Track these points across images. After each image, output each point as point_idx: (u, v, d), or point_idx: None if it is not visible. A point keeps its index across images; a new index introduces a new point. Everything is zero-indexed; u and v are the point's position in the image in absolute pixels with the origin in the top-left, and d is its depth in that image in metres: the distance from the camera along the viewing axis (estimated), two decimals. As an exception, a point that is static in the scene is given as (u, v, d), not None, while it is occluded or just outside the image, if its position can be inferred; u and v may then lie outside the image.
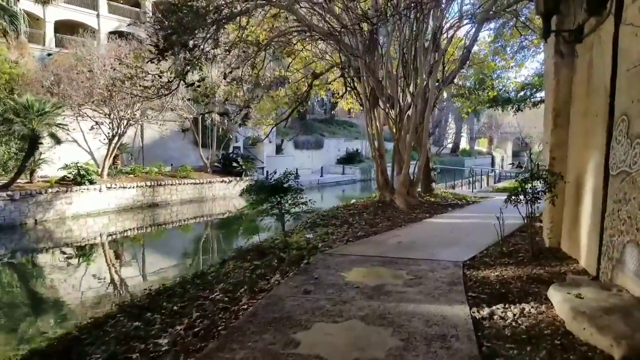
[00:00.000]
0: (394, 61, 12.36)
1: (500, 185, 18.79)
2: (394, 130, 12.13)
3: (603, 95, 5.07)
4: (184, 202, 23.88)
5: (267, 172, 29.07)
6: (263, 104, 18.81)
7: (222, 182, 26.79)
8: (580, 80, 6.06)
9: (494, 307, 4.40)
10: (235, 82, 13.50)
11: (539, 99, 20.29)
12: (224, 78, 12.13)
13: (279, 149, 34.95)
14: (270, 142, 32.37)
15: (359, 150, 40.53)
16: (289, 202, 7.15)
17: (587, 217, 5.41)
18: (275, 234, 10.03)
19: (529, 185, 6.11)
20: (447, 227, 9.19)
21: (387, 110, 12.16)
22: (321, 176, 33.01)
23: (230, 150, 30.03)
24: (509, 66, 17.73)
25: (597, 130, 5.19)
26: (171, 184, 23.53)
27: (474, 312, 4.30)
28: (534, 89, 19.81)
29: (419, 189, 14.40)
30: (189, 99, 25.31)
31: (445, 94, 53.22)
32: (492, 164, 59.62)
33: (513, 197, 6.19)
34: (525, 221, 6.54)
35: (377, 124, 12.30)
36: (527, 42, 17.47)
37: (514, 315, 4.20)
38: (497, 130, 60.65)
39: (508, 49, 18.61)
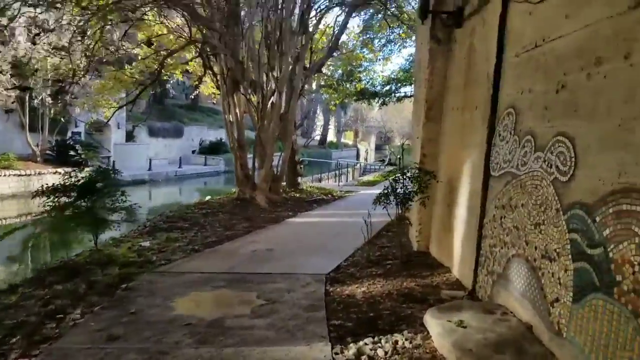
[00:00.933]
0: (257, 42, 11.18)
1: (365, 178, 18.96)
2: (256, 119, 11.00)
3: (485, 86, 4.54)
4: (4, 198, 19.90)
5: (114, 162, 25.88)
6: (105, 83, 16.23)
7: (55, 173, 22.91)
8: (458, 69, 5.56)
9: (361, 343, 3.52)
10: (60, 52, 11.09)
11: (403, 94, 20.93)
12: (33, 43, 9.74)
13: (130, 136, 31.45)
14: (119, 128, 28.93)
15: (224, 140, 38.59)
16: (106, 205, 5.58)
17: (462, 222, 4.90)
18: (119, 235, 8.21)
19: (400, 185, 5.48)
20: (311, 229, 8.36)
21: (248, 96, 10.96)
22: (180, 167, 30.54)
23: (69, 136, 26.06)
24: (376, 59, 17.81)
25: (477, 125, 4.67)
26: (-16, 175, 19.46)
27: (336, 354, 3.36)
28: (399, 84, 20.34)
29: (284, 184, 13.54)
30: (11, 74, 21.15)
31: (314, 85, 53.97)
32: (357, 156, 62.27)
33: (382, 199, 5.50)
34: (393, 219, 5.98)
35: (237, 111, 11.04)
36: (394, 36, 17.71)
37: (386, 353, 3.37)
38: (362, 124, 63.46)
39: (376, 41, 18.74)
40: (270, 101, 11.00)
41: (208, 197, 12.26)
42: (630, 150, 2.46)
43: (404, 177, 5.41)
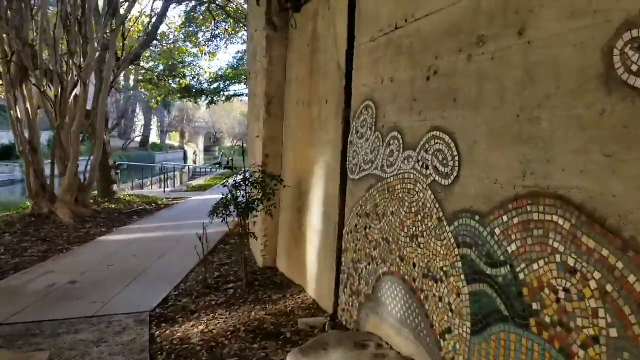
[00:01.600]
0: (54, 24, 9.02)
1: (195, 183, 17.46)
2: (55, 116, 8.87)
3: (336, 76, 3.91)
4: None
5: None
6: None
7: None
8: (300, 58, 4.87)
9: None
10: None
11: (232, 92, 20.00)
12: None
13: None
14: None
15: (19, 143, 32.36)
16: None
17: (316, 232, 4.22)
18: None
19: (241, 191, 4.57)
20: (130, 248, 6.89)
21: (43, 88, 8.77)
22: None
23: None
24: (201, 54, 16.51)
25: (328, 121, 4.03)
26: None
27: None
28: (227, 82, 19.34)
29: (95, 194, 11.44)
30: None
31: (131, 80, 49.46)
32: (185, 158, 59.07)
33: (221, 209, 4.52)
34: (231, 228, 5.07)
35: (28, 106, 8.74)
36: (220, 30, 16.66)
37: None
38: (188, 124, 60.57)
39: (200, 35, 17.42)
40: (73, 95, 8.99)
41: (-8, 215, 9.57)
42: (535, 144, 1.98)
43: (247, 182, 4.52)
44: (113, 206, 10.53)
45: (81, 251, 6.79)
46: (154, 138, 54.85)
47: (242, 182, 4.53)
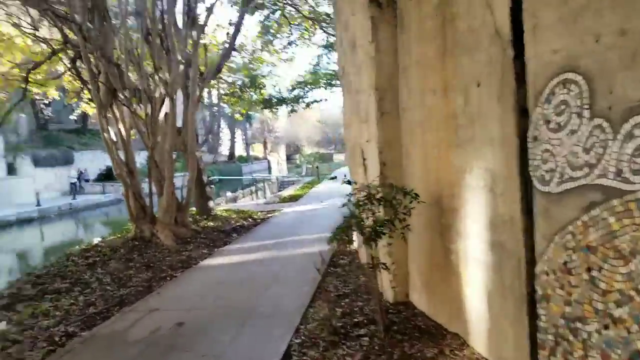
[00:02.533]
0: (135, 38, 8.69)
1: (286, 193, 16.91)
2: (147, 135, 8.51)
3: (492, 47, 2.76)
4: None
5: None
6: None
7: None
8: (420, 35, 3.75)
9: None
10: None
11: (312, 99, 19.29)
12: None
13: (11, 169, 26.48)
14: (-6, 160, 24.13)
15: (122, 164, 34.31)
16: None
17: (479, 267, 3.07)
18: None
19: (366, 210, 3.55)
20: (234, 276, 6.15)
21: (133, 107, 8.45)
22: (74, 198, 26.21)
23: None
24: (279, 61, 15.90)
25: (484, 111, 2.88)
26: None
27: None
28: (307, 88, 18.64)
29: (193, 210, 11.11)
30: None
31: (215, 97, 51.21)
32: (269, 168, 60.07)
33: (341, 234, 3.53)
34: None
35: (121, 127, 8.46)
36: (297, 35, 15.97)
37: None
38: (270, 135, 61.56)
39: (276, 42, 16.84)
40: (163, 112, 8.59)
41: (97, 240, 9.47)
42: None
43: (372, 200, 3.48)
44: (211, 224, 10.06)
45: (185, 280, 6.18)
46: (239, 150, 56.28)
47: (366, 200, 3.50)
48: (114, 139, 8.41)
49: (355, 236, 4.05)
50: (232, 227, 9.70)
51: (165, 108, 8.62)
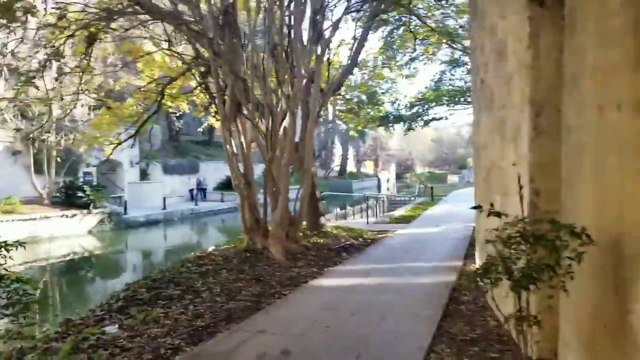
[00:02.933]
0: (261, 53, 8.83)
1: (397, 213, 16.23)
2: (266, 148, 8.55)
3: None
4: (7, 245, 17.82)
5: (126, 202, 23.85)
6: (101, 117, 14.19)
7: (62, 216, 21.03)
8: (599, 39, 3.00)
9: None
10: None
11: (431, 116, 18.45)
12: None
13: (144, 175, 29.48)
14: (132, 166, 26.99)
15: (241, 175, 36.30)
16: None
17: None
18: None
19: (519, 250, 2.86)
20: (345, 301, 5.69)
21: (255, 121, 8.56)
22: (196, 204, 28.27)
23: (80, 175, 24.20)
24: (401, 77, 15.40)
25: None
26: (-16, 222, 17.52)
27: None
28: (426, 105, 17.87)
29: (304, 226, 10.99)
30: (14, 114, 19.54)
31: (330, 113, 52.30)
32: (379, 186, 59.48)
33: (489, 278, 2.88)
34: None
35: (242, 139, 8.62)
36: (421, 51, 15.39)
37: None
38: (382, 152, 61.13)
39: (399, 56, 16.38)
40: (282, 127, 8.58)
41: (211, 248, 9.75)
42: None
43: (527, 238, 2.79)
44: (321, 240, 9.81)
45: (294, 300, 5.88)
46: (350, 167, 56.66)
47: (519, 238, 2.82)
48: (235, 151, 8.58)
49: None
50: (342, 245, 9.33)
51: (285, 123, 8.60)
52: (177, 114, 24.03)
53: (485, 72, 5.43)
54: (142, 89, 12.62)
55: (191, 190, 30.09)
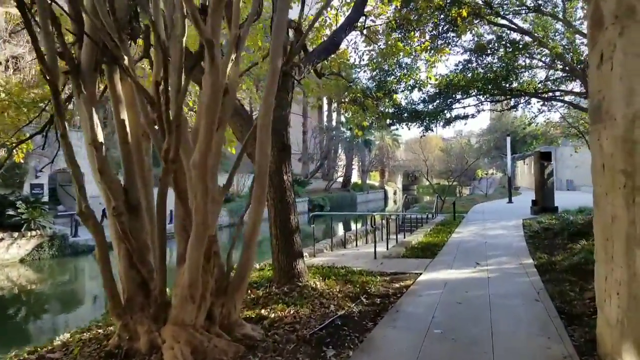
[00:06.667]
0: None
1: (414, 240, 11.45)
2: (160, 131, 3.92)
3: None
4: None
5: (77, 222, 19.07)
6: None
7: (-20, 240, 16.38)
8: None
9: None
10: None
11: (462, 113, 13.83)
12: None
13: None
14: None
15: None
16: None
17: None
18: None
19: None
20: None
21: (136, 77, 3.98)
22: (170, 222, 23.50)
23: (26, 189, 19.68)
24: (421, 51, 10.74)
25: None
26: None
27: None
28: (454, 95, 13.27)
29: (268, 272, 6.37)
30: None
31: (334, 120, 47.59)
32: (385, 199, 54.58)
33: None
34: None
35: (121, 113, 4.01)
36: (452, 15, 10.81)
37: None
38: (388, 163, 56.50)
39: (418, 33, 11.78)
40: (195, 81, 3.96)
41: (59, 341, 5.00)
42: None
43: None
44: (292, 310, 5.11)
45: None
46: (355, 178, 51.95)
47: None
48: (100, 138, 3.97)
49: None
50: (327, 322, 4.63)
51: (204, 74, 4.00)
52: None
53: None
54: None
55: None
